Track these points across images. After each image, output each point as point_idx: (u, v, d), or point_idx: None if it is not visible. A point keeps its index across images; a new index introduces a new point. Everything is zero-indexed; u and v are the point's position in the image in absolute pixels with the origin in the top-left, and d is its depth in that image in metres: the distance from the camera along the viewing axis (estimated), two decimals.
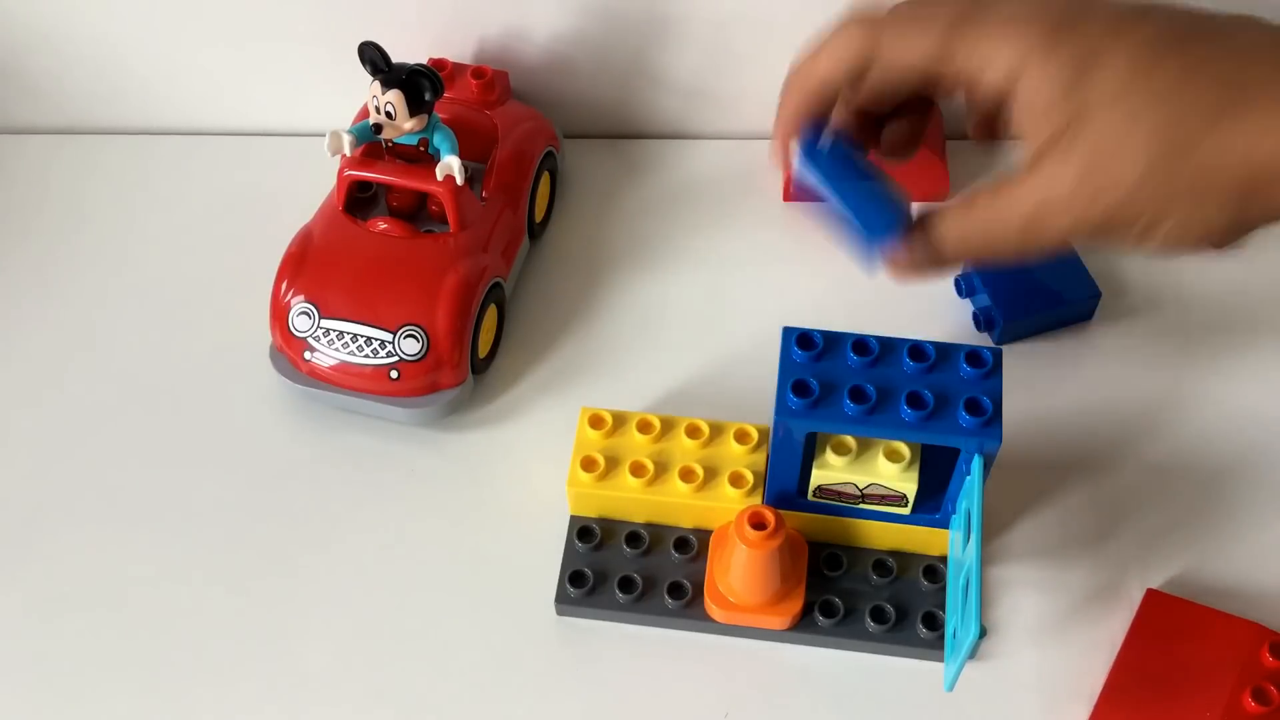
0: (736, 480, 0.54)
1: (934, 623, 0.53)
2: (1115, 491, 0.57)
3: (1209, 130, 0.39)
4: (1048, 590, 0.55)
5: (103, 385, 0.62)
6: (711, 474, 0.54)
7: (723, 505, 0.53)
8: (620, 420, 0.55)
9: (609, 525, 0.56)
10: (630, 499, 0.54)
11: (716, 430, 0.55)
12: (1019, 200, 0.42)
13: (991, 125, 0.46)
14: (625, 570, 0.54)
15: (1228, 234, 0.41)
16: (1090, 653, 0.53)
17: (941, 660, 0.52)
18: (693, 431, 0.55)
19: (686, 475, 0.54)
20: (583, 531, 0.55)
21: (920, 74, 0.43)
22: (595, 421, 0.55)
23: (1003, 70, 0.41)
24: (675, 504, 0.54)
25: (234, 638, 0.55)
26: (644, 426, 0.55)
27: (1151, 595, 0.54)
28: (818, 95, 0.45)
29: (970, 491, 0.48)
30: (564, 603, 0.54)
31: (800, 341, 0.49)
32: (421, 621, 0.55)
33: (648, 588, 0.54)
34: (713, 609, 0.53)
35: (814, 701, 0.52)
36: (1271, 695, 0.49)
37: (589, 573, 0.54)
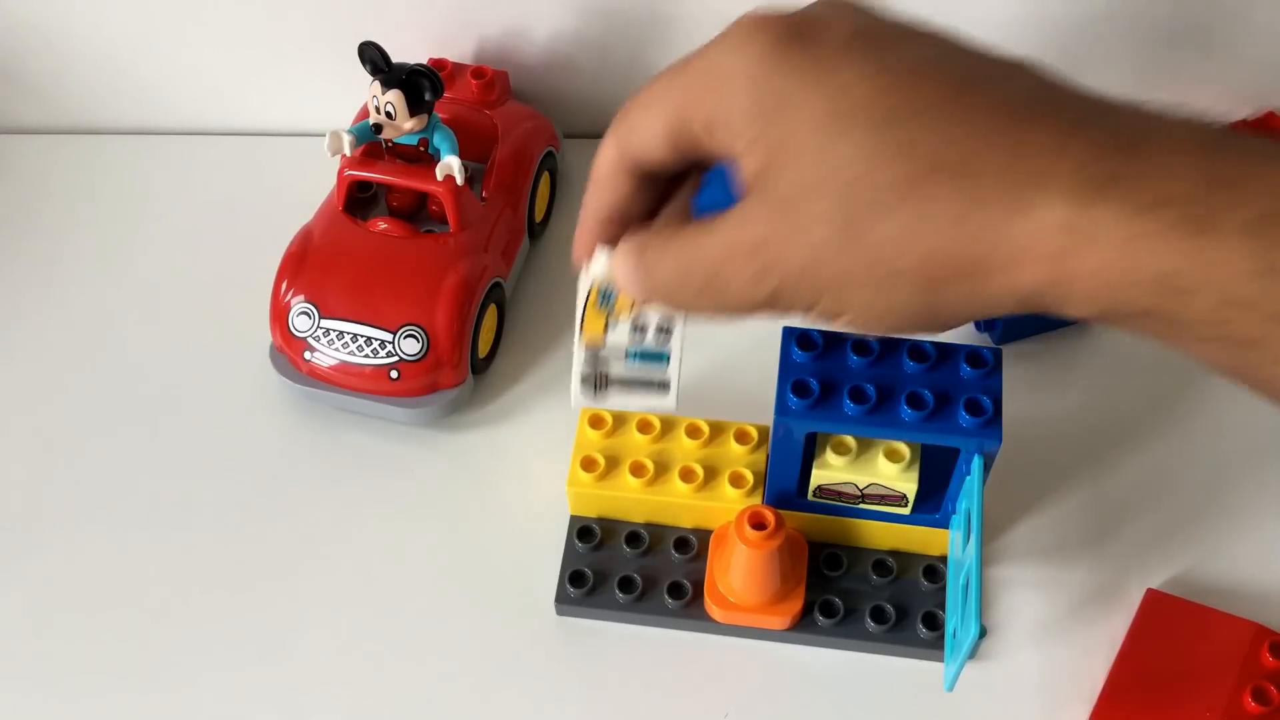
0: (736, 480, 0.53)
1: (934, 622, 0.53)
2: (1115, 491, 0.57)
3: (891, 209, 0.34)
4: (1048, 590, 0.55)
5: (102, 385, 0.62)
6: (711, 474, 0.54)
7: (723, 505, 0.53)
8: (620, 420, 0.55)
9: (609, 525, 0.55)
10: (630, 499, 0.54)
11: (716, 430, 0.55)
12: (706, 248, 0.38)
13: None
14: (625, 570, 0.54)
15: (928, 323, 0.37)
16: (1090, 653, 0.53)
17: (941, 660, 0.52)
18: (693, 431, 0.55)
19: (686, 475, 0.54)
20: (583, 531, 0.55)
21: (674, 151, 0.39)
22: (595, 421, 0.55)
23: (719, 113, 0.37)
24: (675, 504, 0.54)
25: (233, 637, 0.55)
26: (644, 426, 0.55)
27: (1151, 595, 0.54)
28: (604, 222, 0.43)
29: (970, 491, 0.48)
30: (564, 603, 0.54)
31: (800, 341, 0.48)
32: (421, 621, 0.55)
33: (648, 588, 0.54)
34: (713, 609, 0.53)
35: (814, 701, 0.52)
36: (1271, 695, 0.49)
37: (589, 573, 0.54)
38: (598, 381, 0.46)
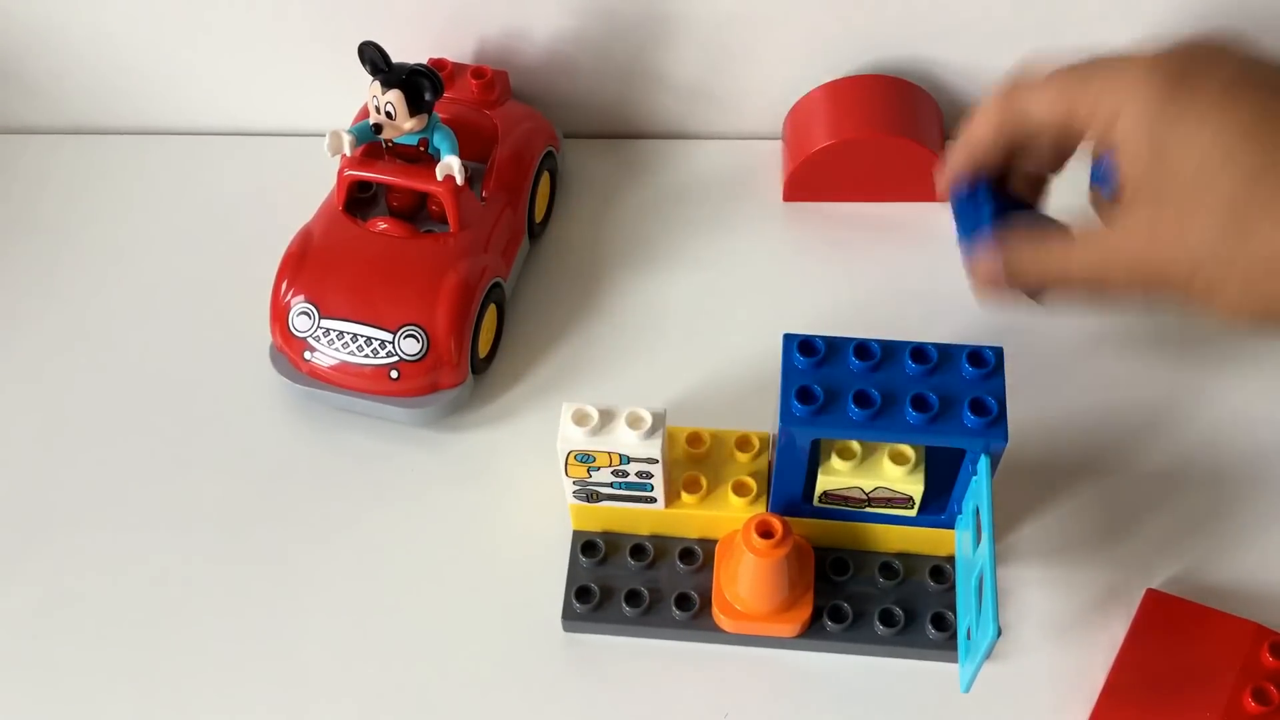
0: (740, 489, 0.53)
1: (943, 623, 0.53)
2: (1116, 491, 0.58)
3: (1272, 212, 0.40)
4: (1051, 590, 0.55)
5: (102, 385, 0.62)
6: (715, 483, 0.53)
7: (727, 514, 0.53)
8: None
9: (612, 539, 0.55)
10: (633, 511, 0.54)
11: (718, 439, 0.54)
12: (1088, 253, 0.46)
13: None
14: (631, 584, 0.54)
15: None
16: (1092, 652, 0.53)
17: (951, 660, 0.52)
18: (694, 441, 0.54)
19: (690, 485, 0.53)
20: (586, 546, 0.55)
21: (1053, 129, 0.47)
22: None
23: (1111, 120, 0.43)
24: (679, 515, 0.54)
25: (233, 639, 0.55)
26: None
27: (1151, 595, 0.54)
28: (972, 159, 0.51)
29: (979, 491, 0.48)
30: (570, 619, 0.54)
31: (802, 348, 0.48)
32: (422, 628, 0.55)
33: (654, 600, 0.54)
34: (721, 619, 0.53)
35: (826, 707, 0.53)
36: (1271, 695, 0.50)
37: (594, 588, 0.54)
38: (589, 496, 0.53)
